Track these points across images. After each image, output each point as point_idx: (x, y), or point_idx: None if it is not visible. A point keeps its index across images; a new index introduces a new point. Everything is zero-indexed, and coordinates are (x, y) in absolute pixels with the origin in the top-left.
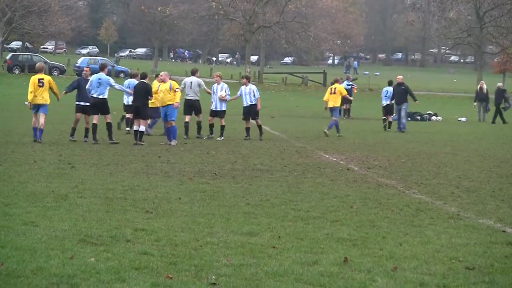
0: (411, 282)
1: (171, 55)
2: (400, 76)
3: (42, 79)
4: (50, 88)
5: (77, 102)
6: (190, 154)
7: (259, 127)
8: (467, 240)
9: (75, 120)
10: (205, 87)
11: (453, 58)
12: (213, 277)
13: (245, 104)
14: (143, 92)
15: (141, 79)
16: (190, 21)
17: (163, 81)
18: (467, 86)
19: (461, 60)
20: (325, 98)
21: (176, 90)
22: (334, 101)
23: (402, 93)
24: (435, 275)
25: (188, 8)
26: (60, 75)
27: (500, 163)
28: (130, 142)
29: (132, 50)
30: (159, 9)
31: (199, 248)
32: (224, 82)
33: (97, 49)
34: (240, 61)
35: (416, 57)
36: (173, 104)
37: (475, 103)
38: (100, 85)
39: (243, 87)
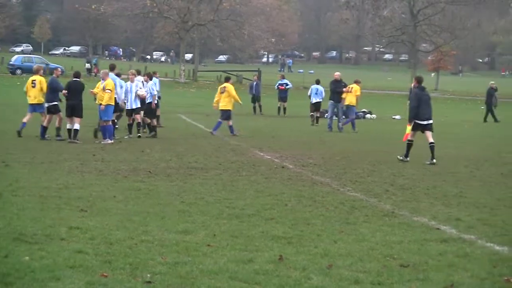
0: (346, 279)
1: (106, 53)
2: (338, 73)
3: (35, 80)
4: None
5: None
6: (125, 152)
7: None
8: (402, 237)
9: (58, 119)
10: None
11: (387, 56)
12: (148, 275)
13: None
14: (78, 90)
15: (74, 77)
16: (124, 19)
17: (103, 79)
18: (401, 84)
19: (395, 58)
20: (343, 96)
21: (107, 91)
22: (349, 100)
23: (341, 90)
24: (369, 272)
25: (122, 6)
26: None
27: None
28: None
29: (66, 48)
30: (93, 7)
31: (134, 247)
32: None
33: (31, 47)
34: (175, 59)
35: (350, 55)
36: (110, 104)
37: (408, 101)
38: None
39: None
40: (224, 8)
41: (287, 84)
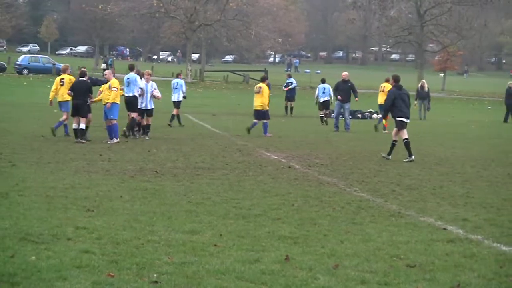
0: (353, 279)
1: (114, 52)
2: (346, 73)
3: (63, 78)
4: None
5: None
6: (131, 152)
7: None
8: (408, 237)
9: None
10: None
11: (394, 56)
12: (155, 275)
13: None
14: (83, 90)
15: (81, 76)
16: (131, 19)
17: (108, 79)
18: (407, 84)
19: (402, 58)
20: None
21: (113, 89)
22: (382, 99)
23: (348, 90)
24: (376, 272)
25: (129, 6)
26: (0, 73)
27: (440, 161)
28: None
29: (73, 48)
30: (100, 6)
31: (140, 247)
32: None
33: (37, 47)
34: (181, 59)
35: (357, 55)
36: (115, 103)
37: (416, 102)
38: (129, 84)
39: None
40: (231, 8)
41: (291, 83)
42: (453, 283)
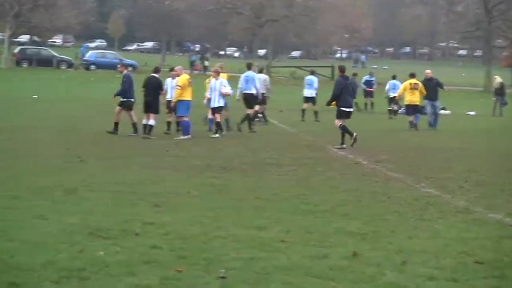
0: (421, 276)
1: (185, 49)
2: (429, 71)
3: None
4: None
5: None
6: (199, 148)
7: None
8: (476, 234)
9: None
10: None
11: (461, 51)
12: (223, 270)
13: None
14: (153, 87)
15: (154, 73)
16: (198, 15)
17: (177, 75)
18: (475, 79)
19: (470, 54)
20: None
21: (177, 87)
22: None
23: (435, 88)
24: (444, 269)
25: (196, 1)
26: (69, 69)
27: (509, 157)
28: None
29: (140, 44)
30: (166, 2)
31: (208, 242)
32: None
33: (105, 43)
34: (248, 55)
35: (424, 50)
36: (182, 100)
37: (493, 98)
38: (247, 82)
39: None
40: (298, 4)
41: (373, 82)
42: None
